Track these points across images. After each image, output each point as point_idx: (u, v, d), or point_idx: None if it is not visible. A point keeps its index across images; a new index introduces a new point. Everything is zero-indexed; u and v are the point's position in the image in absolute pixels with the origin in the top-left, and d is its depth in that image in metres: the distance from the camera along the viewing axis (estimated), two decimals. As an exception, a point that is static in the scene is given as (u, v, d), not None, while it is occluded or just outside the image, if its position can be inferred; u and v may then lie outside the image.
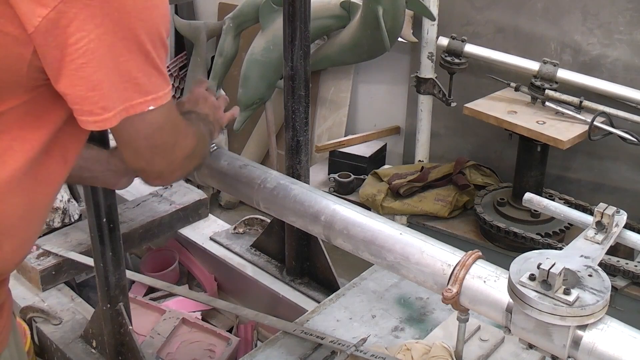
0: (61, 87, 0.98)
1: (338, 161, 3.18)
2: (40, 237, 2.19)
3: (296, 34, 1.89)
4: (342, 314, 1.78)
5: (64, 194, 2.62)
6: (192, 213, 2.69)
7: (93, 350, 1.97)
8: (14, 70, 0.97)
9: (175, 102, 1.25)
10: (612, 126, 2.39)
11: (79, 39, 0.94)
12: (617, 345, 1.03)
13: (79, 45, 0.94)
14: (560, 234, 2.51)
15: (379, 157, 3.27)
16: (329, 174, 3.17)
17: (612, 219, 1.26)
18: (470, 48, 2.66)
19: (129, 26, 0.97)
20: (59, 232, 2.45)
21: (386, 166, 3.21)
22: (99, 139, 1.43)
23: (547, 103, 2.49)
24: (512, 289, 1.07)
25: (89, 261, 2.09)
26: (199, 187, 2.75)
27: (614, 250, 2.27)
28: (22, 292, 2.24)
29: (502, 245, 2.56)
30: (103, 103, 0.99)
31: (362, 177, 3.02)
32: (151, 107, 1.03)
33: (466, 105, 2.60)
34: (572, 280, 1.06)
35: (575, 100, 2.44)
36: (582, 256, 1.15)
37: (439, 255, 1.26)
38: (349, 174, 3.04)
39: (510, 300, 1.10)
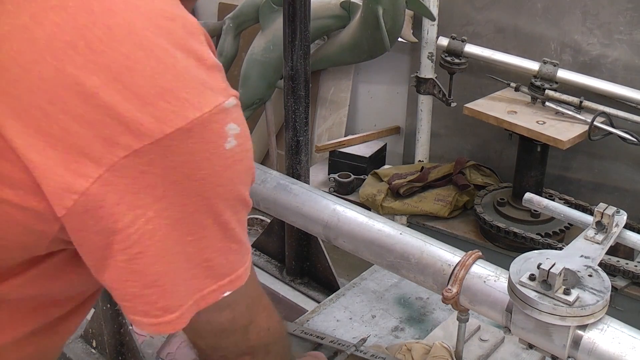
0: (106, 281, 0.74)
1: (338, 161, 3.18)
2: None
3: (296, 34, 1.89)
4: (342, 314, 1.78)
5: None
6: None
7: (93, 350, 1.97)
8: (29, 248, 0.74)
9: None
10: (612, 126, 2.39)
11: (133, 221, 0.68)
12: (617, 345, 1.02)
13: (131, 229, 0.69)
14: (560, 234, 2.51)
15: (379, 157, 3.27)
16: (329, 174, 3.17)
17: (612, 219, 1.26)
18: (470, 48, 2.66)
19: (203, 194, 0.71)
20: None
21: (386, 166, 3.21)
22: None
23: (547, 103, 2.49)
24: (512, 289, 1.07)
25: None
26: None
27: (614, 250, 2.27)
28: (22, 292, 2.24)
29: (502, 245, 2.56)
30: (164, 303, 0.74)
31: (362, 177, 3.02)
32: (227, 293, 0.78)
33: (466, 105, 2.60)
34: (572, 280, 1.06)
35: (575, 100, 2.44)
36: (582, 256, 1.14)
37: (439, 255, 1.26)
38: (349, 174, 3.04)
39: (510, 300, 1.10)
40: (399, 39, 3.00)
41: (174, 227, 0.71)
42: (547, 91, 2.47)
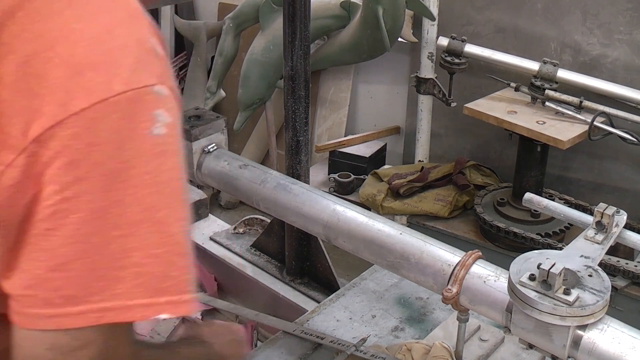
0: (15, 270, 0.67)
1: (338, 161, 3.18)
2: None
3: (296, 34, 1.89)
4: (342, 314, 1.78)
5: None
6: (192, 213, 2.68)
7: (93, 350, 1.96)
8: None
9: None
10: (612, 126, 2.39)
11: (50, 195, 0.65)
12: (617, 345, 1.02)
13: (47, 203, 0.65)
14: (560, 234, 2.51)
15: (379, 157, 3.27)
16: (329, 174, 3.17)
17: (612, 219, 1.26)
18: (470, 48, 2.66)
19: (129, 181, 0.67)
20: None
21: (386, 166, 3.21)
22: None
23: (547, 103, 2.49)
24: (512, 289, 1.07)
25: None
26: (199, 187, 2.75)
27: (614, 250, 2.26)
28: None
29: (502, 245, 2.56)
30: (68, 290, 0.66)
31: (362, 177, 3.02)
32: (164, 316, 0.72)
33: (466, 105, 2.60)
34: (572, 280, 1.06)
35: (575, 100, 2.44)
36: (582, 256, 1.14)
37: (439, 255, 1.26)
38: (349, 174, 3.04)
39: (510, 300, 1.10)
40: (399, 39, 3.00)
41: (95, 215, 0.66)
42: (547, 91, 2.47)
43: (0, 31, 0.66)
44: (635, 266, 2.26)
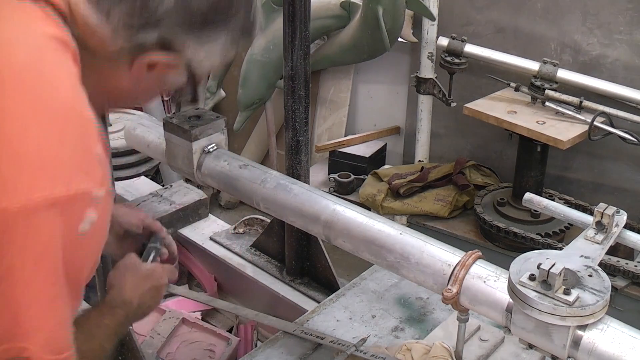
0: None
1: (338, 161, 3.18)
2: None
3: (296, 34, 1.89)
4: (342, 314, 1.78)
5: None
6: (192, 213, 2.68)
7: (93, 350, 1.96)
8: None
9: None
10: (612, 126, 2.39)
11: None
12: (617, 345, 1.02)
13: None
14: (560, 234, 2.51)
15: (379, 157, 3.27)
16: (329, 174, 3.17)
17: (612, 219, 1.26)
18: (470, 48, 2.66)
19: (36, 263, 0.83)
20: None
21: (386, 166, 3.21)
22: None
23: (547, 103, 2.50)
24: (512, 289, 1.07)
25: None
26: (199, 187, 2.75)
27: (614, 250, 2.27)
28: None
29: (502, 245, 2.56)
30: None
31: (362, 177, 3.02)
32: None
33: (466, 105, 2.60)
34: (572, 280, 1.06)
35: (575, 100, 2.44)
36: (582, 256, 1.14)
37: (439, 255, 1.26)
38: (349, 174, 3.04)
39: (510, 300, 1.10)
40: (399, 39, 3.00)
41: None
42: (547, 91, 2.47)
43: None
44: (635, 266, 2.26)
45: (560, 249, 1.30)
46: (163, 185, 2.93)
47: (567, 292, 1.02)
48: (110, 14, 0.91)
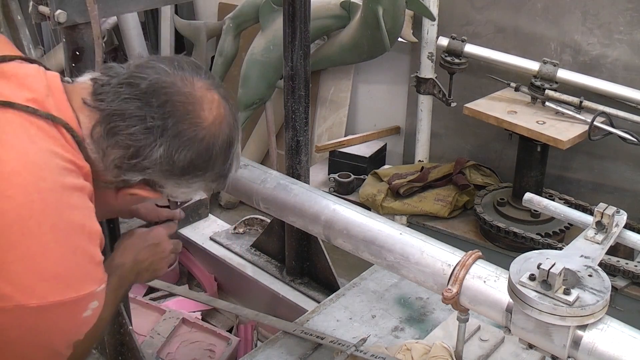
0: None
1: (338, 161, 3.18)
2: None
3: (296, 34, 1.89)
4: (342, 314, 1.78)
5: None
6: (192, 213, 2.69)
7: (93, 350, 1.96)
8: None
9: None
10: (612, 126, 2.39)
11: None
12: (617, 345, 1.03)
13: None
14: (560, 234, 2.51)
15: (379, 157, 3.27)
16: (329, 174, 3.17)
17: (612, 219, 1.26)
18: (470, 48, 2.66)
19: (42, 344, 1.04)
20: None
21: (386, 166, 3.21)
22: None
23: (547, 103, 2.49)
24: (512, 289, 1.07)
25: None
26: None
27: (614, 250, 2.27)
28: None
29: (502, 245, 2.56)
30: None
31: (362, 177, 3.02)
32: None
33: (466, 105, 2.60)
34: (572, 280, 1.06)
35: (575, 100, 2.44)
36: (582, 256, 1.15)
37: (439, 255, 1.26)
38: (349, 174, 3.04)
39: (510, 300, 1.10)
40: (399, 39, 3.00)
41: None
42: (547, 91, 2.47)
43: None
44: (635, 266, 2.26)
45: (560, 249, 1.30)
46: (163, 185, 2.92)
47: (567, 292, 1.02)
48: (105, 155, 1.10)
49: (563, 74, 2.49)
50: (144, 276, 1.38)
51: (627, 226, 1.37)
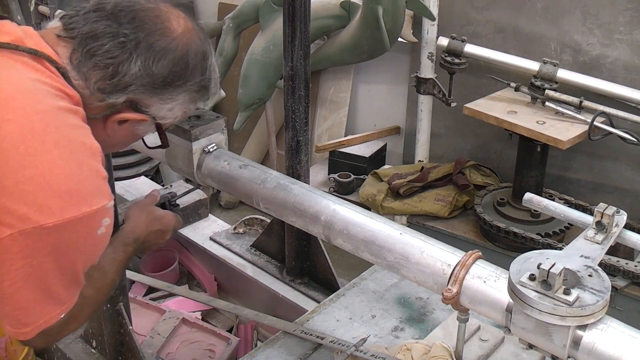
0: None
1: (338, 161, 3.18)
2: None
3: (296, 34, 1.89)
4: (342, 314, 1.78)
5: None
6: (192, 213, 2.69)
7: (93, 350, 1.97)
8: None
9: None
10: (612, 126, 2.39)
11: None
12: (617, 345, 1.02)
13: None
14: (560, 234, 2.51)
15: (379, 157, 3.27)
16: (329, 174, 3.17)
17: (612, 219, 1.26)
18: (470, 48, 2.66)
19: (64, 260, 1.07)
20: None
21: (386, 166, 3.21)
22: None
23: (547, 103, 2.49)
24: (512, 289, 1.07)
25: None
26: (199, 187, 2.75)
27: (614, 250, 2.27)
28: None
29: (502, 245, 2.56)
30: (24, 320, 1.09)
31: (362, 177, 3.02)
32: (63, 315, 1.11)
33: (466, 105, 2.60)
34: (572, 280, 1.06)
35: (575, 100, 2.44)
36: (582, 256, 1.14)
37: (439, 255, 1.26)
38: (349, 174, 3.04)
39: (510, 300, 1.10)
40: (399, 39, 3.00)
41: (36, 269, 1.04)
42: (547, 91, 2.47)
43: None
44: (635, 266, 2.26)
45: (560, 249, 1.30)
46: (163, 185, 2.93)
47: (567, 292, 1.02)
48: (87, 79, 1.13)
49: (563, 74, 2.49)
50: (142, 252, 1.48)
51: (627, 226, 1.37)
